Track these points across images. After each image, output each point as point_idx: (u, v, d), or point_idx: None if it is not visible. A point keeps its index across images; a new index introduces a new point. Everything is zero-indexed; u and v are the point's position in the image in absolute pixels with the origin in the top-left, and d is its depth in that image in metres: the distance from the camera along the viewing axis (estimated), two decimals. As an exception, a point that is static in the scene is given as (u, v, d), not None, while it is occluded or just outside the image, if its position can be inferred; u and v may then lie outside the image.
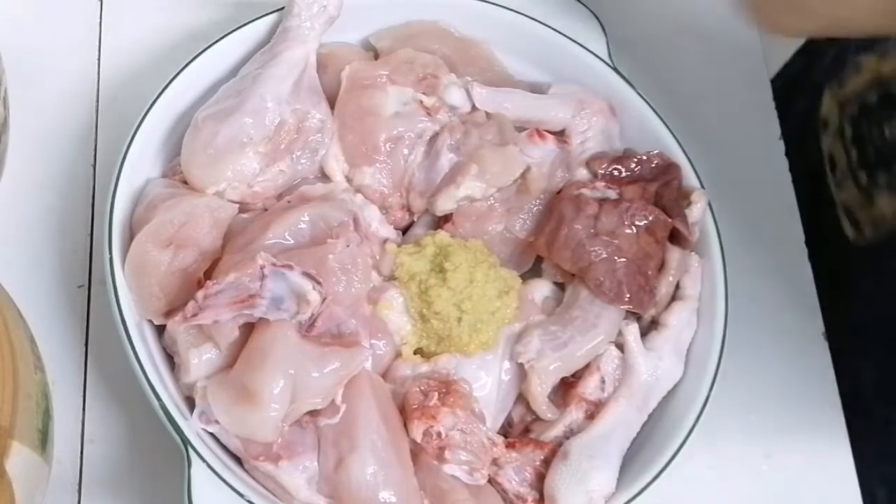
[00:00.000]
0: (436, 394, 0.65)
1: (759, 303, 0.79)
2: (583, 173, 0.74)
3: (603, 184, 0.73)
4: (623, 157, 0.75)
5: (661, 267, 0.71)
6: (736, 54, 0.89)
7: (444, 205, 0.71)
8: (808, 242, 0.83)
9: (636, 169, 0.74)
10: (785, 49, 0.96)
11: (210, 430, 0.62)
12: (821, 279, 0.81)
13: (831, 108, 0.86)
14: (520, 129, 0.74)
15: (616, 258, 0.69)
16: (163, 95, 0.70)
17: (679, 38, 0.89)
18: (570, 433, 0.67)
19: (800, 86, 0.92)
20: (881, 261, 0.80)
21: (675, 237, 0.72)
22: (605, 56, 0.78)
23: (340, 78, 0.72)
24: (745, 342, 0.76)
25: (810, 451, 0.77)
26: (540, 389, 0.67)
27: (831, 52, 0.87)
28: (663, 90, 0.79)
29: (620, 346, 0.69)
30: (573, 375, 0.69)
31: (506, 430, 0.69)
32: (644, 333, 0.70)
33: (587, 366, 0.69)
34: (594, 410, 0.68)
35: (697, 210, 0.73)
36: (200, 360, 0.63)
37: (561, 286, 0.72)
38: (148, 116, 0.69)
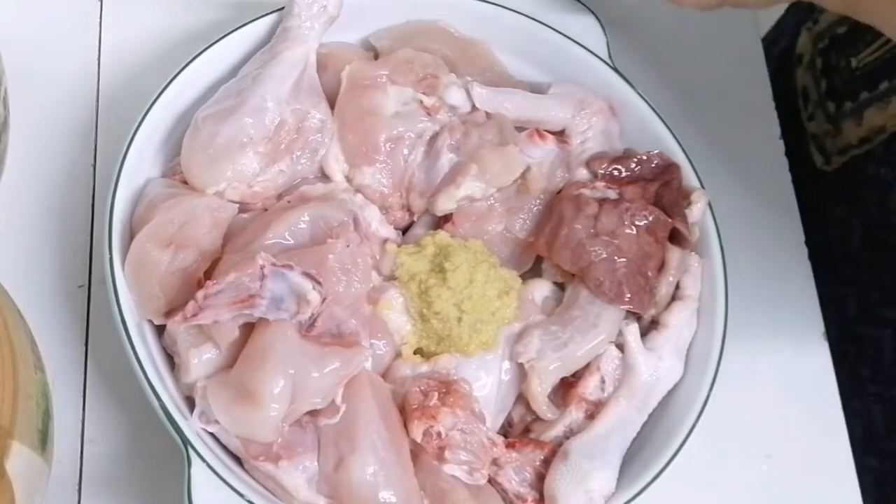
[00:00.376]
0: (436, 394, 0.65)
1: (759, 303, 0.79)
2: (583, 173, 0.74)
3: (603, 184, 0.73)
4: (623, 157, 0.75)
5: (661, 267, 0.71)
6: (736, 54, 0.89)
7: (444, 205, 0.71)
8: (791, 170, 0.85)
9: (636, 169, 0.74)
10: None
11: (210, 429, 0.62)
12: (802, 210, 0.83)
13: (806, 43, 0.87)
14: (520, 129, 0.74)
15: (616, 258, 0.69)
16: (163, 95, 0.70)
17: (679, 37, 0.89)
18: (570, 433, 0.67)
19: (782, 29, 0.93)
20: (847, 186, 0.82)
21: (675, 237, 0.72)
22: (605, 56, 0.78)
23: (340, 78, 0.72)
24: (745, 342, 0.76)
25: (810, 451, 0.77)
26: (540, 389, 0.67)
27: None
28: (663, 89, 0.78)
29: (620, 346, 0.69)
30: (573, 375, 0.69)
31: (506, 430, 0.69)
32: (644, 333, 0.70)
33: (587, 366, 0.69)
34: (594, 410, 0.68)
35: (697, 210, 0.73)
36: (200, 360, 0.63)
37: (561, 286, 0.72)
38: (148, 116, 0.69)
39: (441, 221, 0.72)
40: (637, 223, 0.71)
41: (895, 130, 0.77)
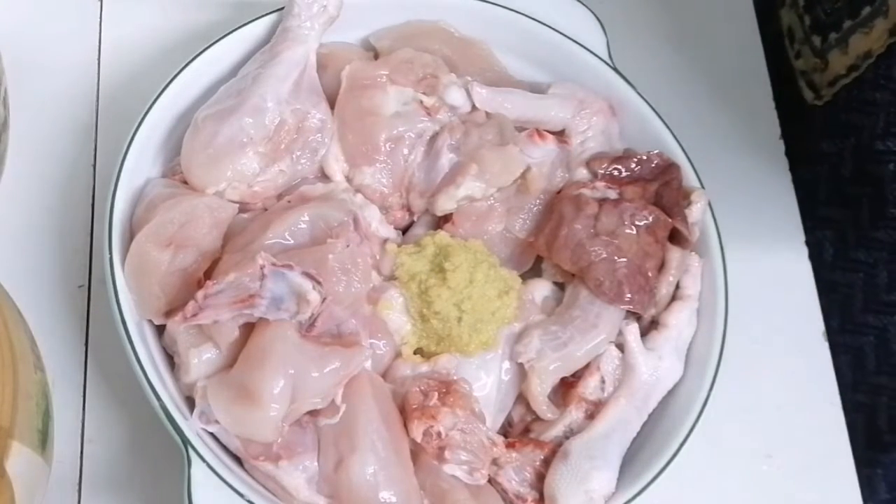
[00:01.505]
0: (436, 394, 0.65)
1: (759, 303, 0.79)
2: (583, 173, 0.74)
3: (603, 184, 0.73)
4: (623, 157, 0.75)
5: (661, 267, 0.71)
6: (736, 54, 0.89)
7: (444, 205, 0.71)
8: (777, 108, 0.85)
9: (636, 169, 0.74)
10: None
11: (210, 429, 0.62)
12: (790, 148, 0.83)
13: None
14: (520, 129, 0.74)
15: (616, 258, 0.69)
16: (163, 95, 0.70)
17: (679, 37, 0.89)
18: (570, 433, 0.67)
19: None
20: (837, 117, 0.81)
21: (675, 237, 0.72)
22: (605, 56, 0.78)
23: (340, 78, 0.72)
24: (745, 342, 0.76)
25: (810, 451, 0.77)
26: (540, 389, 0.67)
27: None
28: (663, 90, 0.78)
29: (620, 346, 0.69)
30: (573, 375, 0.69)
31: (506, 430, 0.69)
32: (644, 333, 0.70)
33: (587, 366, 0.69)
34: (594, 410, 0.68)
35: (697, 210, 0.73)
36: (200, 360, 0.63)
37: (561, 286, 0.72)
38: (148, 116, 0.69)
39: (441, 221, 0.72)
40: (637, 223, 0.71)
41: (881, 52, 0.76)
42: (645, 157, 0.75)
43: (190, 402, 0.63)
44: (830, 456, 0.77)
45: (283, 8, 0.73)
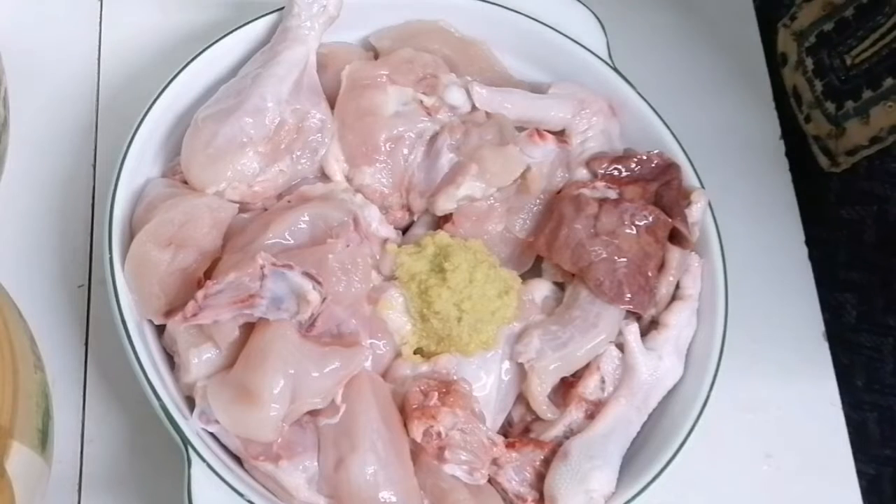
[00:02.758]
0: (436, 394, 0.65)
1: (759, 303, 0.79)
2: (583, 173, 0.74)
3: (603, 184, 0.73)
4: (623, 157, 0.75)
5: (661, 267, 0.71)
6: (736, 54, 0.89)
7: (444, 205, 0.71)
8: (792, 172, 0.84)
9: (636, 169, 0.74)
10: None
11: (210, 429, 0.62)
12: (806, 213, 0.83)
13: (787, 42, 0.86)
14: (520, 129, 0.74)
15: (616, 258, 0.69)
16: (163, 95, 0.70)
17: (679, 37, 0.89)
18: (570, 433, 0.67)
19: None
20: (861, 186, 0.81)
21: (675, 237, 0.72)
22: (605, 56, 0.78)
23: (340, 78, 0.72)
24: (745, 342, 0.76)
25: (810, 451, 0.77)
26: (540, 389, 0.67)
27: None
28: (663, 89, 0.78)
29: (620, 346, 0.69)
30: (573, 375, 0.69)
31: (506, 430, 0.69)
32: (644, 333, 0.70)
33: (587, 366, 0.69)
34: (594, 410, 0.68)
35: (697, 210, 0.73)
36: (200, 360, 0.63)
37: (561, 286, 0.72)
38: (148, 116, 0.69)
39: (441, 221, 0.72)
40: (637, 223, 0.71)
41: None
42: (645, 157, 0.75)
43: (190, 402, 0.63)
44: (830, 456, 0.77)
45: (283, 8, 0.73)
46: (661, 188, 0.73)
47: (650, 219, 0.71)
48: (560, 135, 0.75)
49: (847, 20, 0.75)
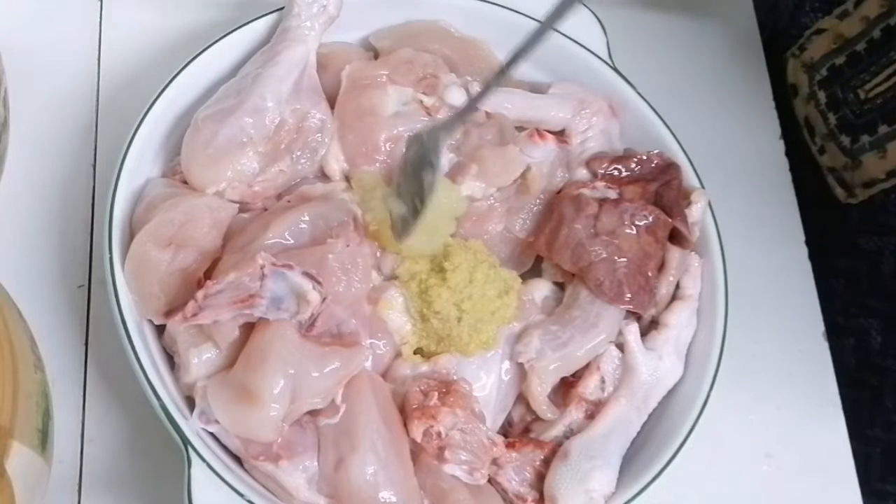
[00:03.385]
0: (436, 394, 0.65)
1: (759, 303, 0.79)
2: (583, 173, 0.74)
3: (603, 184, 0.73)
4: (623, 157, 0.75)
5: (661, 267, 0.72)
6: (736, 54, 0.89)
7: (444, 205, 0.71)
8: (806, 203, 0.84)
9: (636, 169, 0.74)
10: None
11: (210, 429, 0.62)
12: (812, 240, 0.82)
13: (797, 73, 0.86)
14: (520, 129, 0.74)
15: (616, 258, 0.69)
16: (163, 95, 0.70)
17: (679, 37, 0.89)
18: (570, 433, 0.67)
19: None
20: (874, 216, 0.81)
21: (675, 237, 0.72)
22: (605, 56, 0.78)
23: (340, 78, 0.72)
24: (745, 342, 0.76)
25: (810, 451, 0.77)
26: (540, 389, 0.67)
27: (786, 16, 0.87)
28: (663, 89, 0.79)
29: (620, 346, 0.69)
30: (573, 375, 0.69)
31: (506, 430, 0.69)
32: (644, 333, 0.70)
33: (587, 366, 0.69)
34: (594, 410, 0.68)
35: (697, 210, 0.73)
36: (200, 360, 0.63)
37: (561, 286, 0.72)
38: (148, 116, 0.69)
39: (441, 221, 0.72)
40: (637, 223, 0.71)
41: None
42: (645, 157, 0.75)
43: (190, 402, 0.63)
44: (830, 456, 0.77)
45: (283, 8, 0.73)
46: (661, 188, 0.73)
47: (650, 219, 0.71)
48: (560, 135, 0.75)
49: (859, 54, 0.75)
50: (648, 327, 0.71)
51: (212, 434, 0.62)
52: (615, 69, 0.77)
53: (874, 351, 0.80)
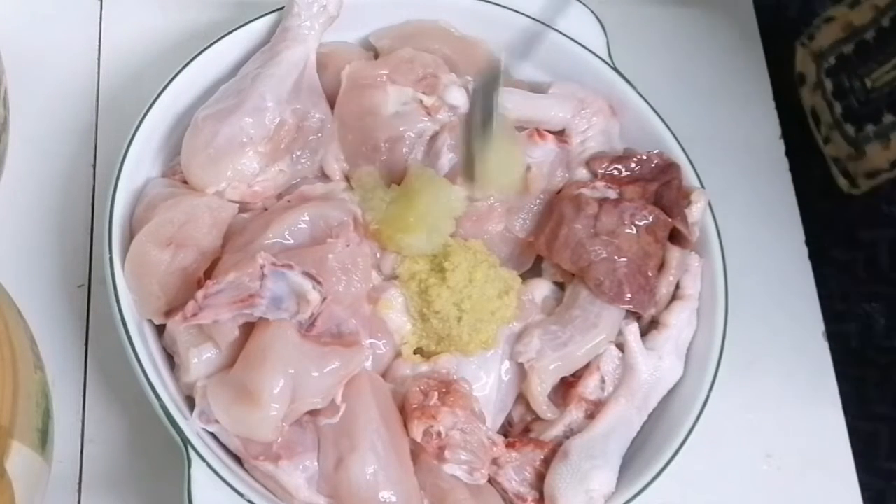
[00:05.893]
0: (436, 393, 0.65)
1: (759, 303, 0.79)
2: (583, 173, 0.74)
3: (603, 183, 0.73)
4: (623, 157, 0.75)
5: (661, 266, 0.72)
6: (736, 54, 0.89)
7: (444, 205, 0.71)
8: (797, 193, 0.83)
9: (636, 169, 0.74)
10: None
11: (210, 429, 0.62)
12: (813, 231, 0.82)
13: (806, 61, 0.86)
14: (520, 129, 0.74)
15: (616, 258, 0.69)
16: (163, 95, 0.70)
17: (679, 37, 0.89)
18: (570, 433, 0.67)
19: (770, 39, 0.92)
20: (877, 207, 0.80)
21: (675, 237, 0.72)
22: (605, 56, 0.78)
23: (340, 78, 0.72)
24: (745, 342, 0.76)
25: (810, 451, 0.77)
26: (540, 389, 0.67)
27: (796, 3, 0.87)
28: (663, 89, 0.79)
29: (620, 346, 0.69)
30: (573, 375, 0.69)
31: (506, 430, 0.69)
32: (644, 333, 0.70)
33: (587, 365, 0.69)
34: (594, 410, 0.68)
35: (697, 210, 0.73)
36: (200, 360, 0.63)
37: (561, 286, 0.72)
38: (148, 116, 0.69)
39: (441, 221, 0.72)
40: (637, 223, 0.71)
41: None
42: (645, 157, 0.75)
43: (190, 402, 0.63)
44: (830, 456, 0.77)
45: (283, 8, 0.73)
46: (661, 188, 0.73)
47: (650, 219, 0.71)
48: (560, 135, 0.75)
49: (867, 43, 0.75)
50: (648, 327, 0.71)
51: (212, 434, 0.62)
52: (615, 69, 0.77)
53: (879, 334, 0.80)
